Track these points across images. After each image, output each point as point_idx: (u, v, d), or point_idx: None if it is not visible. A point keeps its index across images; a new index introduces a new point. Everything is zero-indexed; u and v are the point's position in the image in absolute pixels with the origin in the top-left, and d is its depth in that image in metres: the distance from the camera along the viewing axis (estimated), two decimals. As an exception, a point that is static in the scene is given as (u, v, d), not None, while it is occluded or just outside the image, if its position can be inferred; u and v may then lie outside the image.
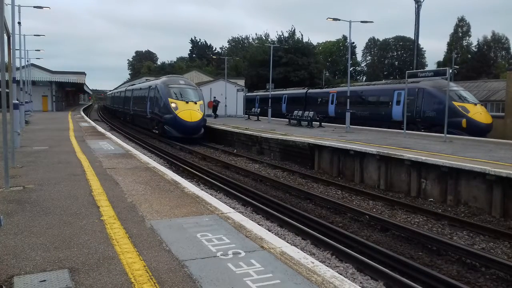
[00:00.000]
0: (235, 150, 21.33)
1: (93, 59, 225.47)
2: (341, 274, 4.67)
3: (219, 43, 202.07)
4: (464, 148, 14.23)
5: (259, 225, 6.32)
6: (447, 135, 17.17)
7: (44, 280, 3.74)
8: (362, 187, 13.20)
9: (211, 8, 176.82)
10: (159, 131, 25.90)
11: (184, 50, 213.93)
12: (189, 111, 23.56)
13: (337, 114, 30.11)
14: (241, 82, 45.74)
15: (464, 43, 70.31)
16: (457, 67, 46.53)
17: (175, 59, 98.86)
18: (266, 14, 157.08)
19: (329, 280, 3.78)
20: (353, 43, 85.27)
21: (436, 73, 18.46)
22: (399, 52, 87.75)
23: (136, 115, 33.34)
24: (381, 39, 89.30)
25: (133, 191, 7.20)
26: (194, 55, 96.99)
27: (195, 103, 24.31)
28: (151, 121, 27.73)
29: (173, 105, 23.76)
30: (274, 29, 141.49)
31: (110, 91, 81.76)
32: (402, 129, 19.48)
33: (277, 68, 55.36)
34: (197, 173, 14.43)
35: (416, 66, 47.54)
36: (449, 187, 11.06)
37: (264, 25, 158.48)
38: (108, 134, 19.53)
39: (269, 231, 6.68)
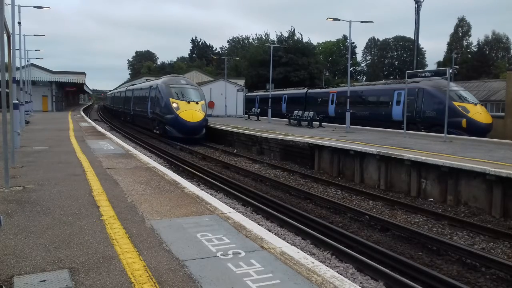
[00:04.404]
0: (235, 150, 21.33)
1: (91, 59, 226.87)
2: (341, 274, 4.67)
3: (219, 43, 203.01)
4: (464, 148, 14.23)
5: (259, 225, 6.32)
6: (447, 135, 17.17)
7: (44, 280, 3.74)
8: (362, 187, 13.19)
9: (201, 8, 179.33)
10: (160, 131, 25.75)
11: (182, 50, 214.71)
12: (191, 111, 23.40)
13: (337, 114, 30.10)
14: (241, 82, 45.76)
15: (464, 43, 70.33)
16: (457, 67, 46.49)
17: (175, 59, 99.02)
18: (254, 14, 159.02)
19: (329, 280, 3.78)
20: (353, 43, 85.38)
21: (436, 73, 18.47)
22: (399, 52, 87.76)
23: (137, 115, 33.25)
24: (381, 39, 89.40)
25: (133, 191, 7.20)
26: (194, 55, 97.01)
27: (197, 103, 24.16)
28: (152, 121, 27.60)
29: (174, 105, 23.59)
30: (262, 30, 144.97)
31: (110, 91, 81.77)
32: (402, 129, 19.47)
33: (277, 68, 55.36)
34: (197, 173, 14.43)
35: (416, 66, 47.49)
36: (449, 187, 11.06)
37: (255, 25, 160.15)
38: (108, 134, 19.53)
39: (269, 231, 6.68)
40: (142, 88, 32.06)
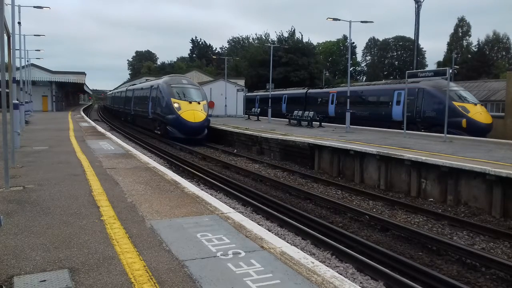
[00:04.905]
0: (235, 150, 21.33)
1: (90, 59, 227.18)
2: (341, 274, 4.68)
3: (219, 43, 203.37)
4: (464, 148, 14.23)
5: (259, 225, 6.32)
6: (447, 135, 17.17)
7: (44, 280, 3.74)
8: (362, 187, 13.19)
9: (200, 8, 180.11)
10: (162, 131, 25.50)
11: (182, 50, 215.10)
12: (193, 111, 23.11)
13: (337, 114, 30.11)
14: (241, 82, 45.75)
15: (464, 43, 70.35)
16: (457, 67, 46.45)
17: (175, 59, 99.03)
18: (254, 14, 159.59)
19: (329, 280, 3.78)
20: (353, 43, 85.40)
21: (436, 73, 18.47)
22: (399, 52, 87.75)
23: (137, 116, 33.05)
24: (381, 39, 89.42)
25: (133, 191, 7.20)
26: (194, 55, 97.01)
27: (199, 103, 23.85)
28: (153, 121, 27.36)
29: (176, 105, 23.30)
30: (262, 30, 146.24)
31: (110, 91, 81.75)
32: (402, 129, 19.47)
33: (277, 68, 55.38)
34: (197, 173, 14.43)
35: (416, 66, 47.47)
36: (449, 187, 11.06)
37: (255, 25, 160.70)
38: (108, 134, 19.52)
39: (269, 231, 6.68)
40: (143, 88, 31.85)
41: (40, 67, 44.18)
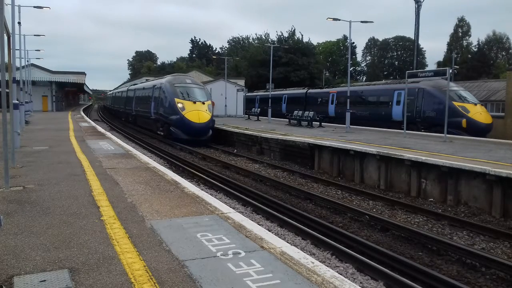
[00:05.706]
0: (235, 150, 21.32)
1: (90, 59, 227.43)
2: (341, 274, 4.68)
3: (218, 43, 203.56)
4: (464, 148, 14.23)
5: (259, 225, 6.32)
6: (447, 135, 17.17)
7: (44, 280, 3.74)
8: (362, 187, 13.19)
9: (199, 8, 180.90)
10: (165, 132, 24.97)
11: (182, 50, 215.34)
12: (197, 112, 22.49)
13: (337, 114, 30.11)
14: (241, 82, 45.78)
15: (464, 43, 70.38)
16: (457, 67, 46.47)
17: (175, 59, 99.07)
18: (254, 14, 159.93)
19: (329, 280, 3.78)
20: (353, 43, 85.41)
21: (436, 73, 18.49)
22: (399, 52, 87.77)
23: (139, 116, 32.57)
24: (381, 39, 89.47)
25: (133, 191, 7.20)
26: (194, 55, 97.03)
27: (203, 103, 23.23)
28: (156, 122, 26.83)
29: (179, 105, 22.70)
30: (262, 30, 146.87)
31: (110, 91, 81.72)
32: (402, 129, 19.48)
33: (277, 68, 55.36)
34: (197, 173, 14.43)
35: (416, 66, 47.53)
36: (449, 187, 11.06)
37: (254, 26, 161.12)
38: (108, 134, 19.52)
39: (269, 231, 6.68)
40: (145, 88, 31.34)
41: (40, 67, 44.17)
